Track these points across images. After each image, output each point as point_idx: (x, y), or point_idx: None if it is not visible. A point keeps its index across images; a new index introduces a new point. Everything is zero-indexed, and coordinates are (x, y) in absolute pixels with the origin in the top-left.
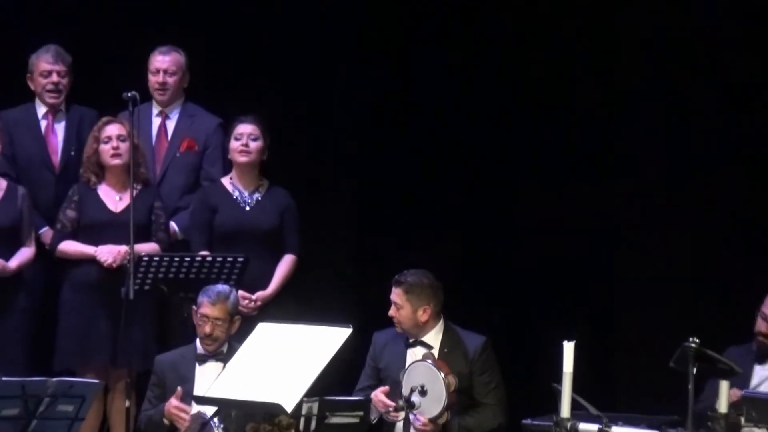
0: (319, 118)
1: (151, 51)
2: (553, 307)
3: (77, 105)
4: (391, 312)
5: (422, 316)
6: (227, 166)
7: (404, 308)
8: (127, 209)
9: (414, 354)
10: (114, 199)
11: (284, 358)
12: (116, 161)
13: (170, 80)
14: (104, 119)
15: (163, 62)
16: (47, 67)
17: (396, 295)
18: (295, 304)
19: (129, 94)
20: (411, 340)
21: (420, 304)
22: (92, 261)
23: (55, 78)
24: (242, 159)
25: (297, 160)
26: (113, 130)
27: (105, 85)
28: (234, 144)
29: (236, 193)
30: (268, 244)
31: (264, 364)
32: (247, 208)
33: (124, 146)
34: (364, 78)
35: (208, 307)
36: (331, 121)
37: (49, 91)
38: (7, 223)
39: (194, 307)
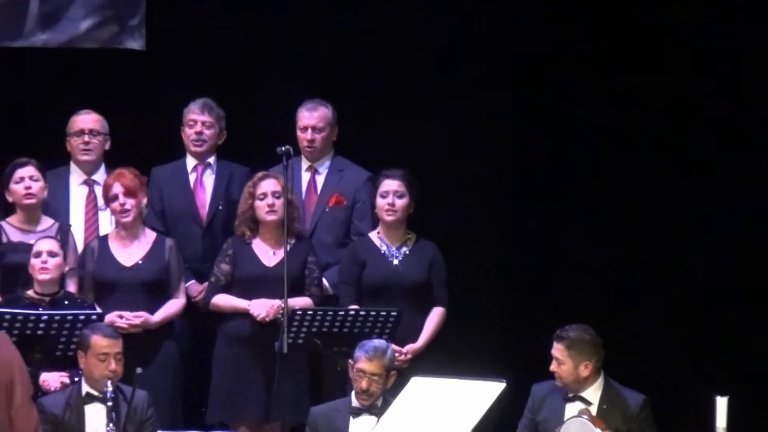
0: (467, 171)
1: (300, 104)
2: (706, 362)
3: (228, 161)
4: (553, 367)
5: (584, 371)
6: (376, 220)
7: (566, 364)
8: (280, 263)
9: (572, 409)
10: (268, 253)
11: (438, 413)
12: (272, 218)
13: (318, 137)
14: (259, 174)
15: (311, 119)
16: (193, 117)
17: (558, 350)
18: (445, 357)
19: (283, 149)
20: (570, 395)
21: (582, 359)
22: (246, 315)
23: (198, 128)
24: (389, 218)
25: (444, 212)
26: (269, 186)
27: (257, 139)
28: (380, 202)
29: (384, 248)
30: (417, 297)
31: (418, 418)
32: (395, 261)
33: (278, 202)
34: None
35: (365, 363)
36: (479, 173)
37: (193, 140)
38: (154, 276)
39: (350, 361)
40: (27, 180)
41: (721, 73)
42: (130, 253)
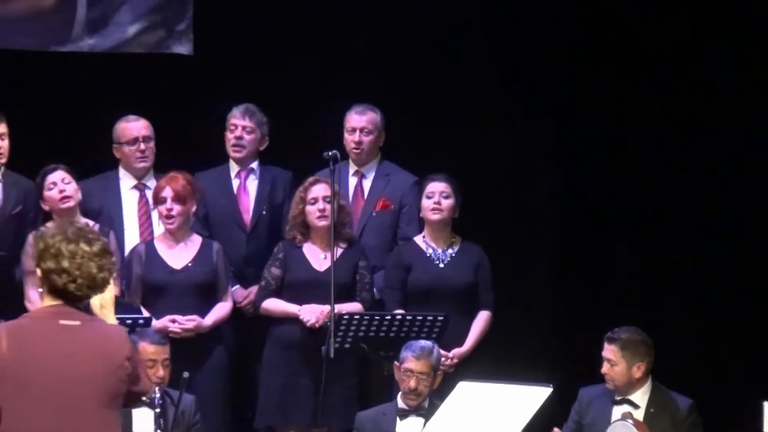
0: (514, 176)
1: (347, 109)
2: (753, 366)
3: (271, 165)
4: (605, 369)
5: (636, 372)
6: (423, 225)
7: (619, 365)
8: (330, 268)
9: (619, 412)
10: (319, 257)
11: (485, 418)
12: (323, 223)
13: (366, 139)
14: (311, 179)
15: (360, 121)
16: (234, 121)
17: (611, 351)
18: (492, 362)
19: (330, 153)
20: (617, 398)
21: (635, 360)
22: (295, 320)
23: (239, 132)
24: (434, 217)
25: (491, 216)
26: (320, 191)
27: (303, 144)
28: (426, 202)
29: (429, 251)
30: (463, 300)
31: (465, 423)
32: (441, 265)
33: (329, 207)
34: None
35: (412, 362)
36: (525, 179)
37: (232, 145)
38: (204, 278)
39: (396, 363)
40: (60, 183)
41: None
42: (178, 256)
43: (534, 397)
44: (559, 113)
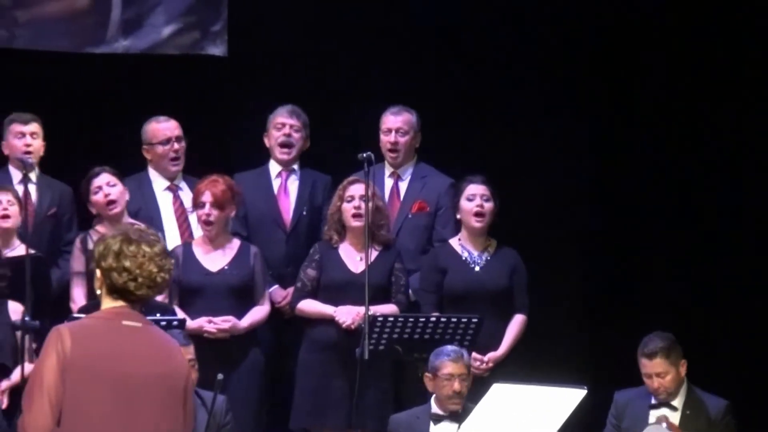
0: (548, 179)
1: (383, 111)
2: None
3: (311, 169)
4: (656, 384)
5: (682, 370)
6: (459, 227)
7: (670, 373)
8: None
9: (656, 416)
10: (355, 259)
11: (519, 420)
12: (357, 223)
13: (401, 140)
14: (350, 178)
15: (395, 122)
16: (281, 120)
17: (658, 365)
18: (526, 364)
19: (364, 155)
20: (653, 402)
21: (678, 361)
22: (331, 321)
23: (287, 130)
24: (477, 225)
25: (525, 219)
26: (357, 190)
27: (338, 146)
28: (467, 206)
29: (465, 254)
30: (498, 304)
31: (499, 425)
32: (477, 268)
33: (366, 207)
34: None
35: (450, 366)
36: (560, 182)
37: (281, 144)
38: (241, 281)
39: (428, 374)
40: (105, 187)
41: None
42: (215, 259)
43: (568, 398)
44: (595, 113)
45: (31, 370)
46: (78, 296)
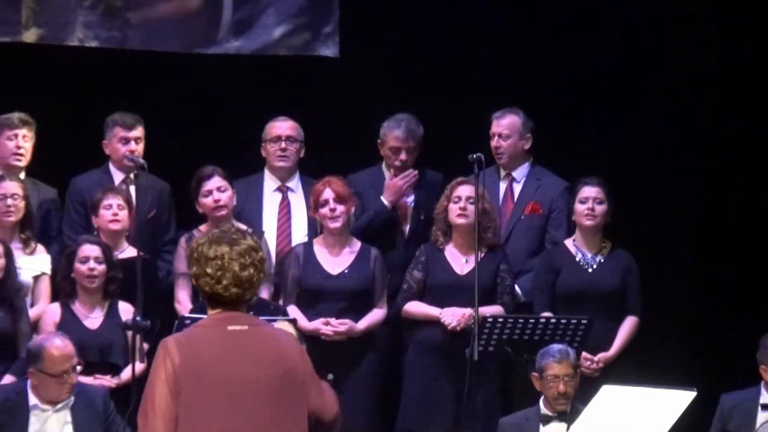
0: (662, 181)
1: (492, 112)
2: None
3: (425, 168)
4: None
5: None
6: (571, 230)
7: None
8: (472, 272)
9: (765, 418)
10: (460, 261)
11: (628, 421)
12: (461, 221)
13: (504, 144)
14: (459, 179)
15: (497, 126)
16: (396, 143)
17: None
18: (637, 367)
19: (474, 156)
20: (763, 403)
21: None
22: (437, 323)
23: (403, 156)
24: (588, 223)
25: (639, 221)
26: (465, 190)
27: (452, 146)
28: (579, 207)
29: (579, 255)
30: (610, 305)
31: (608, 426)
32: (590, 269)
33: (471, 208)
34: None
35: (556, 367)
36: (674, 184)
37: (397, 167)
38: (360, 285)
39: (534, 374)
40: (215, 192)
41: None
42: (335, 261)
43: (677, 400)
44: (706, 112)
45: (145, 388)
46: (183, 297)
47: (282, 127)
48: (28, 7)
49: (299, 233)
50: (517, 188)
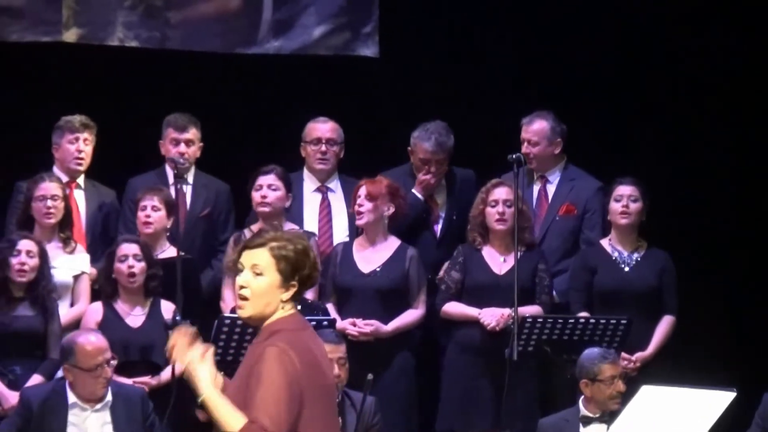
0: (699, 180)
1: (525, 114)
2: None
3: (456, 167)
4: None
5: None
6: (606, 229)
7: None
8: (511, 272)
9: None
10: (498, 261)
11: (668, 422)
12: (501, 227)
13: (533, 150)
14: (493, 181)
15: (526, 132)
16: (426, 156)
17: None
18: (674, 366)
19: (513, 156)
20: None
21: None
22: (476, 323)
23: (433, 168)
24: (622, 221)
25: (676, 221)
26: (501, 194)
27: (489, 145)
28: (614, 205)
29: (615, 254)
30: (647, 304)
31: (648, 427)
32: (627, 268)
33: (509, 211)
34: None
35: (611, 368)
36: (710, 183)
37: (424, 182)
38: (391, 284)
39: (585, 380)
40: (265, 189)
41: None
42: (370, 260)
43: (717, 401)
44: (740, 115)
45: (263, 389)
46: (229, 296)
47: (322, 129)
48: (69, 6)
49: (340, 234)
50: (551, 189)
